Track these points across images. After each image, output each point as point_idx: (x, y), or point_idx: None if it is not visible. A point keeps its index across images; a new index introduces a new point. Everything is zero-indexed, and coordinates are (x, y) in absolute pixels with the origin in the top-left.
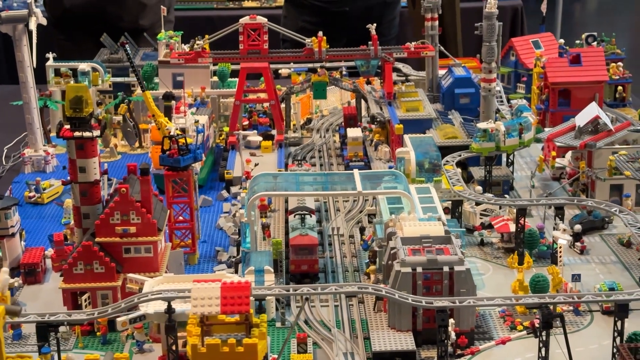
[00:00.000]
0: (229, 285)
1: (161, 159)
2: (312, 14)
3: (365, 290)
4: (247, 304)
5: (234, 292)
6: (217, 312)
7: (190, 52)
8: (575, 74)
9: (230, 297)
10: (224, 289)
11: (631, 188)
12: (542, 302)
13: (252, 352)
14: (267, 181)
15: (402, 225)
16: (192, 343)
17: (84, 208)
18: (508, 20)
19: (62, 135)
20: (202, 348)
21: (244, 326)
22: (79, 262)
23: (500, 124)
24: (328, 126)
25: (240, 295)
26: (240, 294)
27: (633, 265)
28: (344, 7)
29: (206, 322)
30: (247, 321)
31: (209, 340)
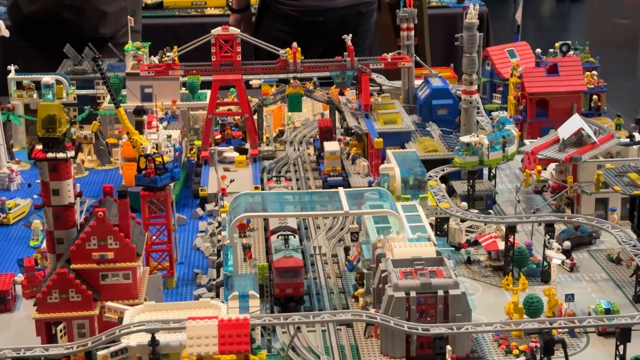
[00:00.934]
0: (226, 322)
1: (137, 179)
2: (285, 24)
3: (360, 319)
4: (247, 343)
5: (232, 330)
6: (215, 352)
7: (160, 64)
8: (552, 84)
9: (229, 336)
10: (222, 327)
11: (616, 202)
12: (543, 327)
13: None
14: (249, 201)
15: (392, 246)
16: None
17: (57, 233)
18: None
19: (35, 156)
20: None
21: None
22: (54, 290)
23: (483, 137)
24: (301, 138)
25: (239, 334)
26: (239, 332)
27: (625, 282)
28: (318, 17)
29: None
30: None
31: None
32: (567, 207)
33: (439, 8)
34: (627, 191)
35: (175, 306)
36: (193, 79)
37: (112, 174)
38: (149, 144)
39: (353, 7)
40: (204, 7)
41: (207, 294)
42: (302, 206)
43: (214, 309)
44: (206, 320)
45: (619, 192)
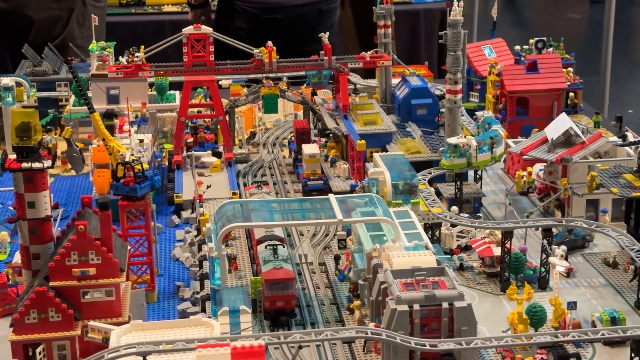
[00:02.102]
0: (240, 350)
1: (115, 188)
2: (244, 21)
3: (364, 336)
4: None
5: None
6: None
7: (129, 64)
8: (532, 82)
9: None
10: (235, 356)
11: (607, 203)
12: (557, 341)
13: None
14: (235, 210)
15: (390, 256)
16: None
17: (33, 247)
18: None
19: (9, 167)
20: None
21: None
22: (32, 310)
23: (471, 138)
24: (274, 140)
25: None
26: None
27: (624, 288)
28: (277, 14)
29: None
30: None
31: None
32: (557, 210)
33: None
34: (624, 193)
35: (164, 325)
36: (161, 80)
37: (78, 180)
38: (127, 151)
39: (313, 5)
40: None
41: (192, 308)
42: (293, 215)
43: (207, 327)
44: (218, 348)
45: (617, 194)
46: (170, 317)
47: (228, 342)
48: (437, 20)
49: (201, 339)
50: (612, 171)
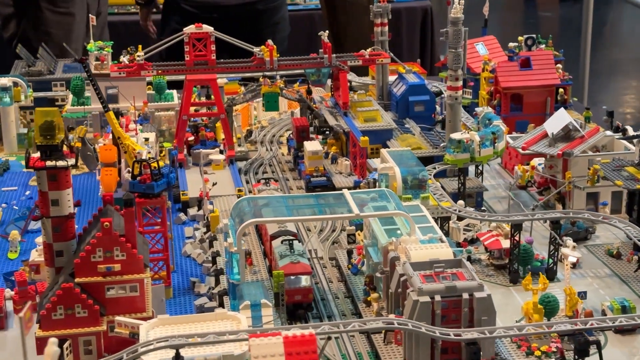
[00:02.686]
0: (291, 339)
1: (132, 186)
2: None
3: (391, 326)
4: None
5: (300, 347)
6: None
7: (131, 64)
8: (526, 78)
9: (296, 353)
10: (288, 344)
11: (607, 196)
12: (577, 328)
13: None
14: (252, 206)
15: (407, 249)
16: None
17: (57, 245)
18: (419, 21)
19: (33, 165)
20: None
21: None
22: (59, 306)
23: (474, 134)
24: (271, 138)
25: (307, 351)
26: (307, 348)
27: (630, 278)
28: (214, 13)
29: None
30: None
31: None
32: (558, 203)
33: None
34: (629, 186)
35: (191, 319)
36: (159, 79)
37: (83, 179)
38: (143, 149)
39: (249, 4)
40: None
41: (209, 303)
42: (310, 210)
43: (233, 321)
44: (270, 337)
45: (621, 187)
46: (187, 312)
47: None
48: (419, 18)
49: (232, 332)
50: (614, 164)
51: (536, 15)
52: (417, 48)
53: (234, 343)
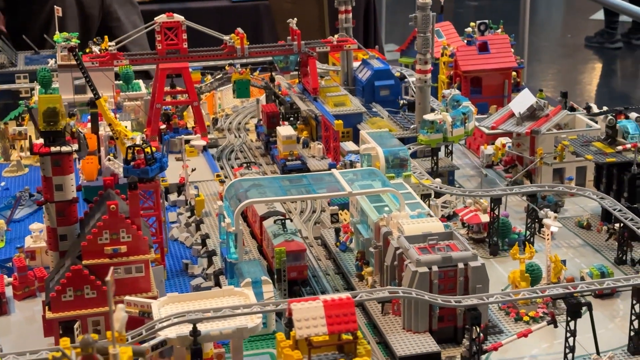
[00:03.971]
0: (330, 302)
1: (126, 171)
2: None
3: (396, 295)
4: (354, 322)
5: (339, 310)
6: (325, 333)
7: (104, 53)
8: (485, 62)
9: (336, 316)
10: (328, 307)
11: (572, 171)
12: (569, 292)
13: None
14: (247, 188)
15: (400, 223)
16: None
17: (61, 229)
18: (362, 8)
19: (38, 151)
20: None
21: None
22: (68, 288)
23: (446, 115)
24: (237, 125)
25: (346, 313)
26: (345, 311)
27: (602, 247)
28: None
29: (314, 345)
30: (355, 340)
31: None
32: (525, 179)
33: None
34: (599, 159)
35: (199, 296)
36: (127, 69)
37: None
38: (137, 134)
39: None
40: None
41: (205, 283)
42: (305, 189)
43: (240, 296)
44: (310, 302)
45: (592, 160)
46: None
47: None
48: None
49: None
50: (581, 140)
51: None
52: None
53: (247, 317)
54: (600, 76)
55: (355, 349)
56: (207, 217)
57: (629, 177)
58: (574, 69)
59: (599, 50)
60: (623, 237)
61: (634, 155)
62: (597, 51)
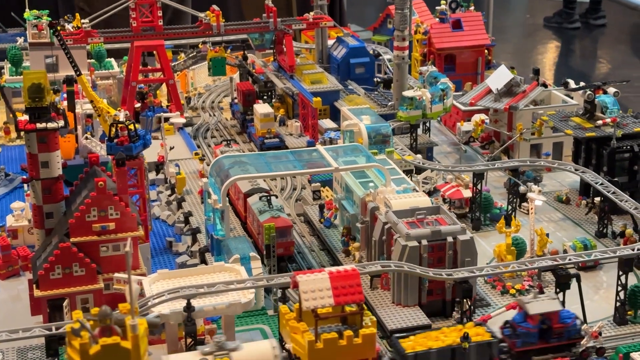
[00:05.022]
0: (336, 274)
1: (109, 148)
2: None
3: (388, 269)
4: (360, 293)
5: (345, 282)
6: (331, 304)
7: (78, 31)
8: (458, 39)
9: (342, 287)
10: (334, 279)
11: (549, 147)
12: (558, 264)
13: (370, 342)
14: (233, 164)
15: (387, 198)
16: (308, 339)
17: (47, 207)
18: None
19: (24, 128)
20: (319, 344)
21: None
22: (57, 266)
23: (425, 91)
24: (211, 104)
25: (352, 284)
26: (351, 282)
27: (582, 221)
28: None
29: (320, 316)
30: (361, 311)
31: (325, 335)
32: (503, 155)
33: None
34: (578, 134)
35: (190, 272)
36: (99, 47)
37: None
38: (119, 111)
39: None
40: None
41: (191, 260)
42: (291, 165)
43: (231, 272)
44: (316, 273)
45: (571, 135)
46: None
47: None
48: None
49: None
50: (559, 115)
51: None
52: None
53: (239, 292)
54: (559, 55)
55: (361, 320)
56: (188, 194)
57: (609, 151)
58: (533, 48)
59: (558, 30)
60: (604, 210)
61: (614, 130)
62: (556, 31)
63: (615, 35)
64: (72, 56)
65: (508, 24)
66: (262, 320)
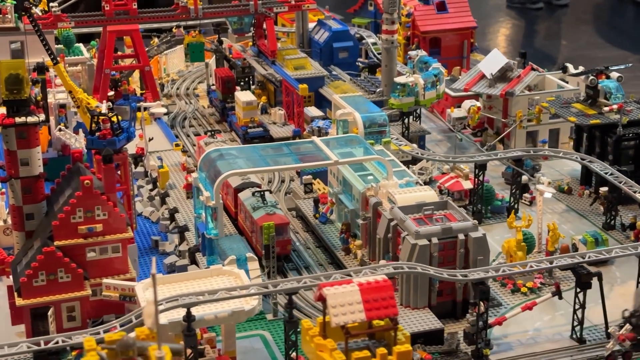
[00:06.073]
0: (367, 286)
1: (90, 142)
2: None
3: (401, 271)
4: (394, 306)
5: (376, 294)
6: (363, 319)
7: (46, 15)
8: (444, 22)
9: (374, 300)
10: (364, 292)
11: (545, 134)
12: (577, 262)
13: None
14: (225, 158)
15: (391, 193)
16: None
17: (27, 207)
18: None
19: (2, 122)
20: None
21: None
22: (40, 272)
23: (418, 77)
24: (186, 91)
25: (384, 297)
26: (384, 294)
27: (586, 212)
28: None
29: (352, 333)
30: (395, 325)
31: (357, 354)
32: (498, 143)
33: None
34: (582, 121)
35: (185, 277)
36: (68, 32)
37: None
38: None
39: None
40: None
41: (180, 261)
42: (288, 159)
43: (230, 276)
44: (345, 286)
45: (575, 122)
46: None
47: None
48: None
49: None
50: (560, 101)
51: None
52: None
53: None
54: (523, 36)
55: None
56: (171, 189)
57: (615, 138)
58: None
59: (521, 10)
60: (611, 201)
61: (619, 117)
62: (519, 12)
63: (578, 16)
64: (48, 43)
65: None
66: (262, 326)
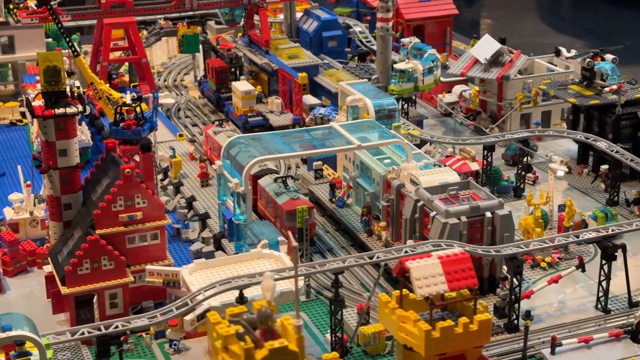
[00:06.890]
0: (447, 258)
1: (115, 132)
2: None
3: (440, 248)
4: (474, 277)
5: (457, 266)
6: (445, 290)
7: (41, 9)
8: (427, 9)
9: (454, 272)
10: (445, 264)
11: (538, 116)
12: (602, 235)
13: (486, 329)
14: (248, 145)
15: (414, 175)
16: (425, 329)
17: (65, 198)
18: None
19: (42, 114)
20: (435, 333)
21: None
22: (85, 260)
23: (417, 63)
24: (173, 82)
25: (464, 268)
26: (464, 266)
27: (587, 189)
28: None
29: (436, 304)
30: (475, 296)
31: (442, 323)
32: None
33: None
34: (582, 102)
35: (227, 261)
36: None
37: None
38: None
39: None
40: None
41: (206, 247)
42: (310, 144)
43: (270, 259)
44: (426, 259)
45: (575, 103)
46: (183, 258)
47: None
48: None
49: (291, 268)
50: (556, 84)
51: None
52: None
53: (287, 280)
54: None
55: (475, 304)
56: (184, 178)
57: (614, 118)
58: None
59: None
60: (615, 178)
61: (618, 97)
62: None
63: (521, 4)
64: (68, 35)
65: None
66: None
